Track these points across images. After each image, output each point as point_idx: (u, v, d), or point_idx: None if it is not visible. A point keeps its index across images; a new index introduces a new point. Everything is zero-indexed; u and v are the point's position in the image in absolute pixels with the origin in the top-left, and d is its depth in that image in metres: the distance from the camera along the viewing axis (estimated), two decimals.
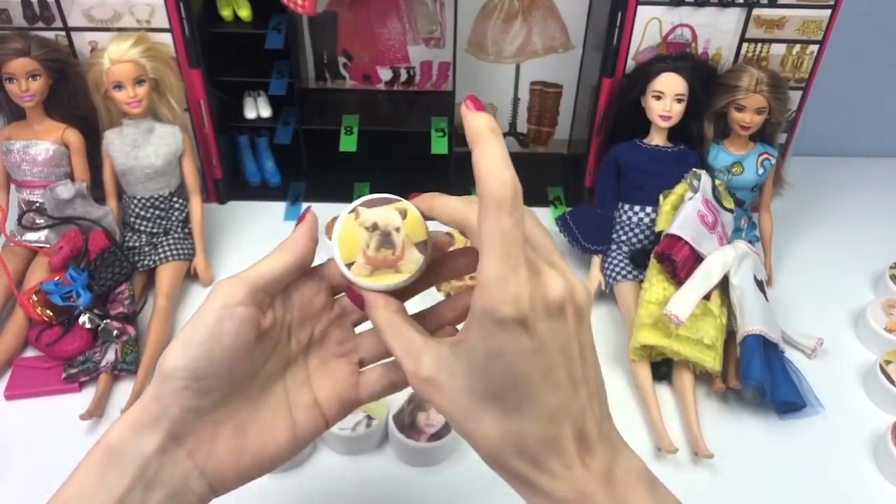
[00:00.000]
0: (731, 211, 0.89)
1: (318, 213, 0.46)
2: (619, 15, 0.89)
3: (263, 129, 1.07)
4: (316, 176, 1.09)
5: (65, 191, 0.86)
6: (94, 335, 0.81)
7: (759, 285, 0.83)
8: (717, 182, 0.89)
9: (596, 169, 0.97)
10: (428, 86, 1.10)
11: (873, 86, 1.16)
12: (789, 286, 0.95)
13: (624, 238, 0.92)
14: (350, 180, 1.08)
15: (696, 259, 0.83)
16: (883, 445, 0.74)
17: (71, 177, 0.90)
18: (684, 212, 0.84)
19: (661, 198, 0.88)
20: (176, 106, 0.92)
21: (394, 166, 1.05)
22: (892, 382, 0.79)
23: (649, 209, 0.90)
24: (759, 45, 0.92)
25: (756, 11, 0.89)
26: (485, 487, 0.72)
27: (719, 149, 0.92)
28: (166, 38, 0.91)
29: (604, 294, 0.92)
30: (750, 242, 0.86)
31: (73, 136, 0.89)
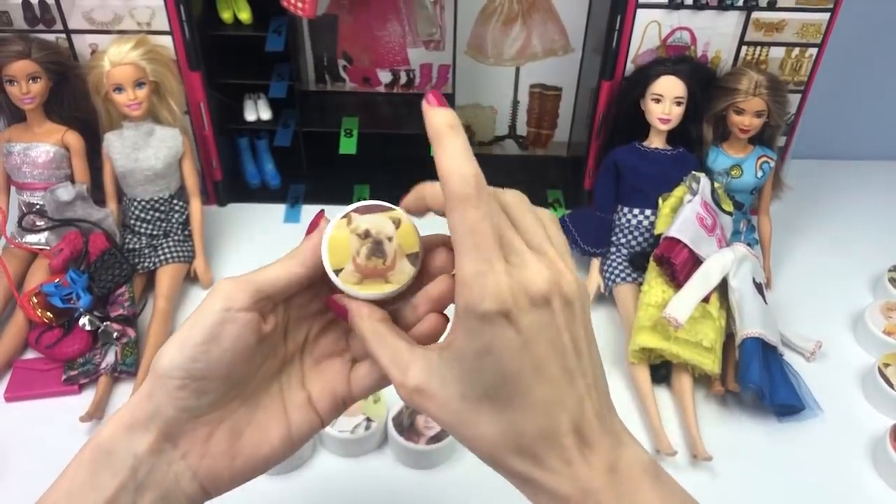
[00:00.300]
0: (730, 214, 0.89)
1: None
2: (619, 18, 0.89)
3: (263, 132, 1.07)
4: (316, 178, 1.09)
5: (65, 193, 0.86)
6: (94, 337, 0.81)
7: (758, 288, 0.83)
8: (716, 185, 0.89)
9: (595, 172, 0.97)
10: (428, 88, 1.10)
11: (872, 89, 1.16)
12: (788, 289, 0.95)
13: (623, 241, 0.92)
14: (350, 183, 1.08)
15: (695, 262, 0.83)
16: (881, 448, 0.74)
17: (71, 179, 0.90)
18: (683, 215, 0.84)
19: (660, 201, 0.88)
20: (176, 108, 0.92)
21: (393, 169, 1.05)
22: (890, 385, 0.79)
23: (648, 212, 0.90)
24: (759, 48, 0.92)
25: (755, 15, 0.90)
26: (484, 490, 0.72)
27: (718, 152, 0.92)
28: (166, 41, 0.91)
29: (603, 297, 0.92)
30: (749, 245, 0.86)
31: (74, 139, 0.89)
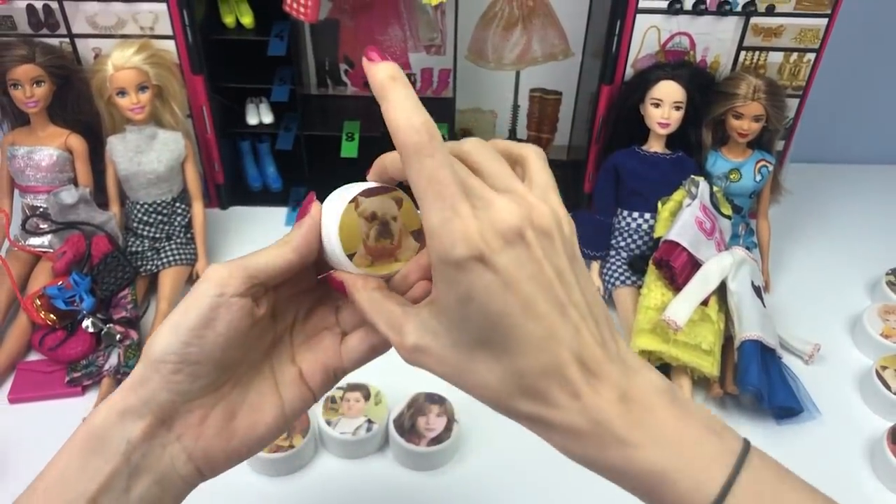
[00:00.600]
0: (728, 217, 0.90)
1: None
2: (619, 23, 0.90)
3: (265, 135, 1.07)
4: (317, 182, 1.08)
5: (68, 196, 0.87)
6: (97, 339, 0.82)
7: (757, 291, 0.83)
8: (715, 189, 0.89)
9: (595, 175, 0.97)
10: (429, 92, 1.11)
11: (870, 93, 1.17)
12: (787, 292, 0.95)
13: (623, 244, 0.92)
14: None
15: (694, 265, 0.83)
16: (879, 450, 0.74)
17: (74, 182, 0.90)
18: (682, 218, 0.84)
19: (659, 204, 0.89)
20: (179, 112, 0.92)
21: None
22: (888, 388, 0.79)
23: (648, 215, 0.91)
24: (757, 53, 0.93)
25: (754, 20, 0.90)
26: (485, 491, 0.72)
27: (717, 156, 0.92)
28: (169, 45, 0.92)
29: (602, 299, 0.92)
30: (747, 249, 0.87)
31: (77, 142, 0.89)
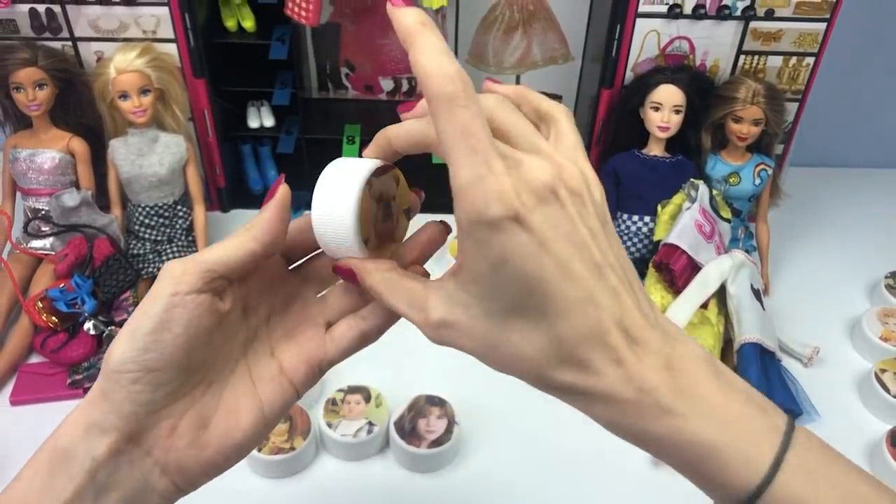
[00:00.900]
0: (728, 221, 0.90)
1: None
2: (618, 27, 0.90)
3: (266, 139, 1.07)
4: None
5: (70, 199, 0.87)
6: (99, 342, 0.82)
7: (756, 294, 0.83)
8: (714, 192, 0.90)
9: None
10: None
11: (869, 97, 1.17)
12: (786, 295, 0.95)
13: (622, 247, 0.92)
14: None
15: (693, 268, 0.83)
16: (878, 453, 0.74)
17: (76, 185, 0.90)
18: (682, 221, 0.84)
19: (659, 207, 0.89)
20: (180, 115, 0.92)
21: None
22: (886, 390, 0.79)
23: (647, 218, 0.91)
24: (756, 57, 0.93)
25: (753, 24, 0.90)
26: (485, 493, 0.72)
27: (717, 159, 0.92)
28: (171, 49, 0.92)
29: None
30: (747, 252, 0.87)
31: (79, 145, 0.89)
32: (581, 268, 0.32)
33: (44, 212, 0.89)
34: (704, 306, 0.82)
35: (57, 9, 0.89)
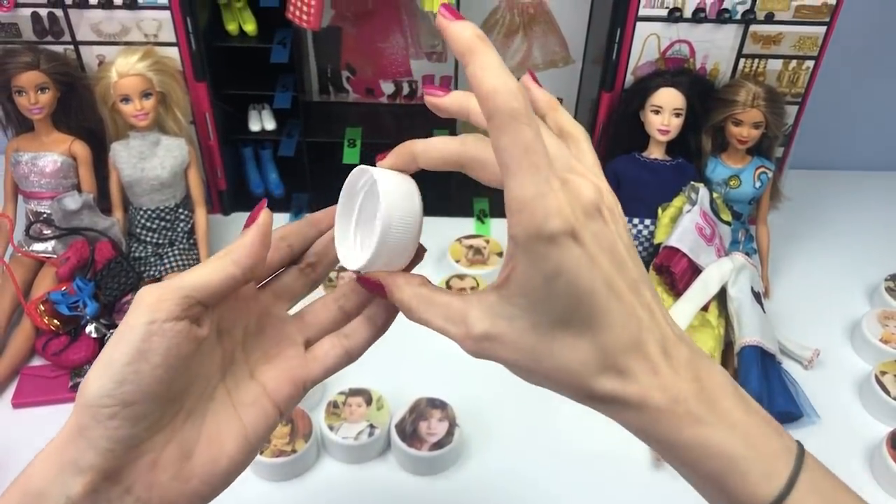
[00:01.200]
0: (728, 223, 0.90)
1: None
2: (619, 30, 0.90)
3: (267, 142, 1.07)
4: (319, 188, 1.09)
5: (72, 202, 0.87)
6: (101, 345, 0.82)
7: (757, 297, 0.83)
8: (714, 195, 0.90)
9: None
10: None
11: (868, 100, 1.17)
12: (786, 298, 0.95)
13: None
14: None
15: (694, 271, 0.83)
16: (878, 455, 0.74)
17: (78, 188, 0.91)
18: (683, 224, 0.84)
19: (659, 210, 0.89)
20: (182, 118, 0.92)
21: None
22: (887, 393, 0.79)
23: (648, 221, 0.91)
24: (756, 60, 0.93)
25: (753, 28, 0.90)
26: (486, 495, 0.72)
27: (717, 162, 0.93)
28: (173, 52, 0.92)
29: None
30: (747, 254, 0.87)
31: (81, 148, 0.90)
32: (622, 283, 0.34)
33: (45, 215, 0.89)
34: (705, 309, 0.82)
35: (59, 13, 0.89)
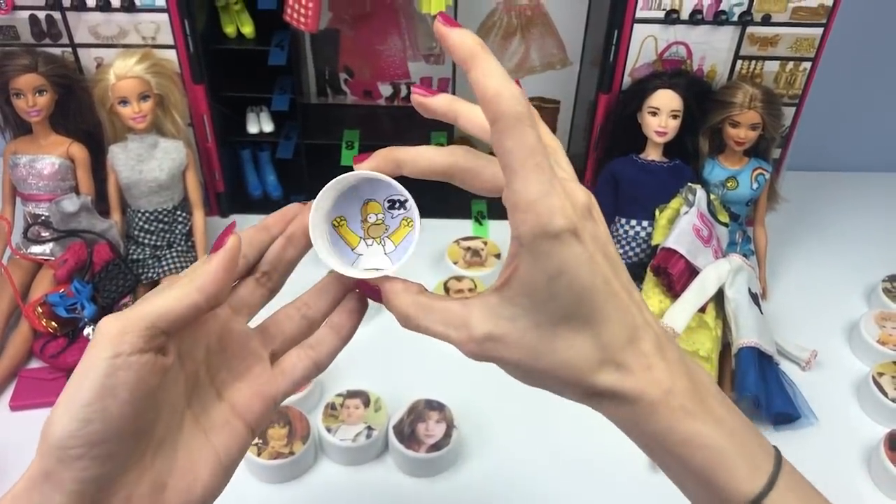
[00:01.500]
0: (725, 225, 0.90)
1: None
2: (616, 33, 0.90)
3: (266, 144, 1.07)
4: (317, 190, 1.07)
5: (70, 204, 0.87)
6: None
7: (754, 298, 0.83)
8: (712, 196, 0.90)
9: (593, 183, 0.98)
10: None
11: (865, 101, 1.17)
12: (784, 299, 0.95)
13: (621, 252, 0.92)
14: None
15: (691, 272, 0.83)
16: (876, 456, 0.74)
17: (76, 190, 0.91)
18: (680, 226, 0.84)
19: (657, 212, 0.89)
20: (180, 121, 0.92)
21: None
22: (884, 394, 0.79)
23: (645, 223, 0.91)
24: (753, 62, 0.93)
25: (750, 29, 0.90)
26: (484, 497, 0.72)
27: (714, 164, 0.92)
28: (171, 55, 0.92)
29: None
30: (744, 256, 0.87)
31: (79, 151, 0.90)
32: (617, 282, 0.35)
33: (43, 217, 0.89)
34: (702, 310, 0.82)
35: (57, 15, 0.89)
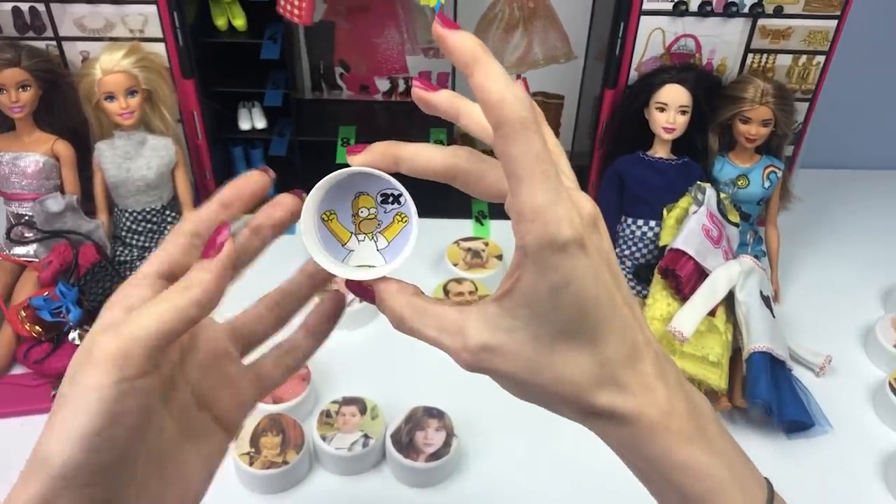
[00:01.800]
0: (736, 225, 0.89)
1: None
2: (622, 25, 0.89)
3: (258, 141, 1.07)
4: (312, 189, 1.08)
5: (54, 204, 0.87)
6: None
7: (766, 301, 0.83)
8: (722, 195, 0.89)
9: (598, 182, 0.97)
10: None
11: (881, 96, 1.17)
12: (797, 302, 0.95)
13: (627, 253, 0.91)
14: None
15: (700, 274, 0.82)
16: (893, 465, 0.74)
17: (61, 190, 0.90)
18: (689, 226, 0.84)
19: (664, 211, 0.88)
20: (169, 117, 0.92)
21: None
22: None
23: (653, 223, 0.90)
24: (765, 55, 0.92)
25: (761, 22, 0.90)
26: None
27: (724, 161, 0.92)
28: (159, 48, 0.92)
29: None
30: (756, 257, 0.86)
31: (64, 148, 0.90)
32: (620, 297, 0.34)
33: (27, 217, 0.89)
34: (712, 314, 0.81)
35: (41, 7, 0.89)
